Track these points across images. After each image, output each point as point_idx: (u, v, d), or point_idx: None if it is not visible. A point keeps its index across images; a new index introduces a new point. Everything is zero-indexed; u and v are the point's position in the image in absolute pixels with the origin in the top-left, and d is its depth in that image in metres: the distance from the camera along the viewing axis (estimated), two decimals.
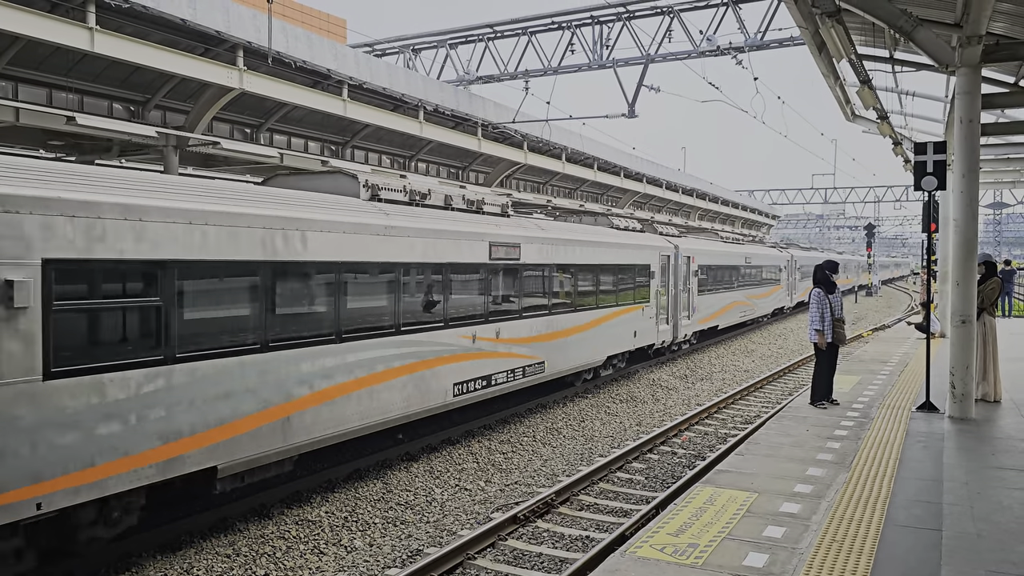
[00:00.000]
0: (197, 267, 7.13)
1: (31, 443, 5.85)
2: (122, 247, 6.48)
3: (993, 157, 19.39)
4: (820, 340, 10.16)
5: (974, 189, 9.53)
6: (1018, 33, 10.66)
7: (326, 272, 8.62)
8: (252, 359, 7.66)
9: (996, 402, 10.49)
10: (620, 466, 10.65)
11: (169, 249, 6.85)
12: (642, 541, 5.67)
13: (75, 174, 6.56)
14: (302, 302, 8.39)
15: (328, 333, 8.64)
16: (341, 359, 8.80)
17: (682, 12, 21.55)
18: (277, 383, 7.93)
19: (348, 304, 8.98)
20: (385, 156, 21.94)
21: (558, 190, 31.56)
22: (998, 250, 78.08)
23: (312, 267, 8.43)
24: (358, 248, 9.13)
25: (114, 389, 6.40)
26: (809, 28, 9.68)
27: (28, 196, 5.90)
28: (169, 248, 6.85)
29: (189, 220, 7.02)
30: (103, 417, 6.31)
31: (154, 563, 7.07)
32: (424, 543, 7.81)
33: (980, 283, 10.30)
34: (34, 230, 5.90)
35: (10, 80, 13.04)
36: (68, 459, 6.07)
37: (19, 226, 5.82)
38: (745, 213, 55.38)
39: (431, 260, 10.43)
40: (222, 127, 16.80)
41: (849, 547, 5.47)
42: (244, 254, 7.60)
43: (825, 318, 10.17)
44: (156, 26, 13.30)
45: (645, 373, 18.43)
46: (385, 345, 9.53)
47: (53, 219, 6.02)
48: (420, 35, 25.95)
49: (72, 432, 6.11)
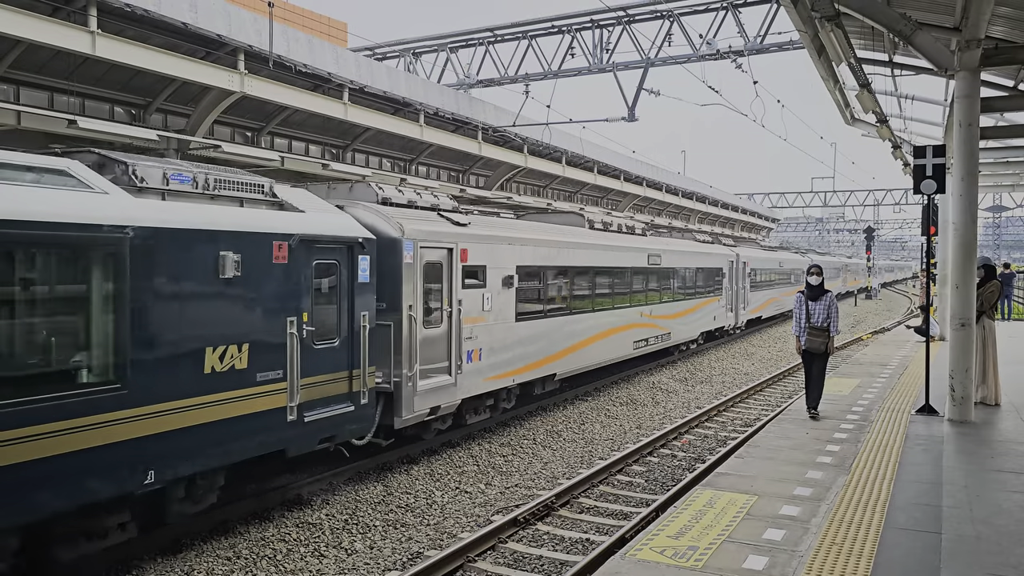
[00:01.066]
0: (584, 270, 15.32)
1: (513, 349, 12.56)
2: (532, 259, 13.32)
3: (992, 161, 19.42)
4: (797, 346, 10.11)
5: (973, 192, 9.55)
6: (1017, 37, 10.69)
7: (584, 272, 15.40)
8: (566, 319, 14.53)
9: (995, 405, 10.51)
10: (620, 469, 10.67)
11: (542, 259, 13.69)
12: (642, 544, 5.68)
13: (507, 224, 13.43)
14: (578, 288, 15.16)
15: (588, 308, 15.49)
16: (594, 322, 15.71)
17: (682, 16, 21.59)
18: (574, 332, 14.77)
19: (595, 290, 15.85)
20: (386, 159, 21.97)
21: (558, 193, 31.59)
22: (997, 253, 78.10)
23: (577, 269, 15.07)
24: (593, 257, 15.79)
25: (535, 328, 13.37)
26: (808, 32, 9.72)
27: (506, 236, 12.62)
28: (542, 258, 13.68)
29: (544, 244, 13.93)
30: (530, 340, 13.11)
31: (155, 566, 7.08)
32: (424, 546, 7.82)
33: (979, 286, 10.31)
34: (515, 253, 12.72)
35: (12, 84, 13.07)
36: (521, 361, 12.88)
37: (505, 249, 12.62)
38: (745, 216, 55.41)
39: (620, 264, 17.10)
40: (223, 130, 16.82)
41: (849, 550, 5.48)
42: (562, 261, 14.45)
43: (800, 323, 9.90)
44: (157, 30, 13.32)
45: (645, 376, 18.44)
46: (606, 316, 16.26)
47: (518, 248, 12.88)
48: (420, 39, 26.00)
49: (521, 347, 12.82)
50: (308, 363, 8.26)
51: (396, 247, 10.01)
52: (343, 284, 8.92)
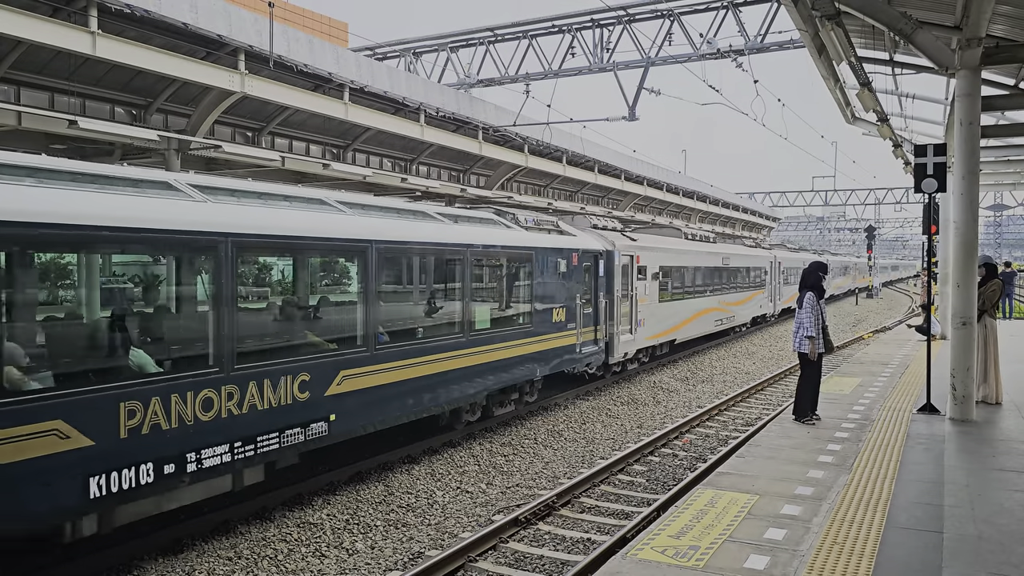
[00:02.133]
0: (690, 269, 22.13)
1: (657, 321, 18.98)
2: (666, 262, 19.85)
3: (993, 159, 19.40)
4: (812, 349, 9.34)
5: (974, 191, 9.54)
6: (1018, 35, 10.67)
7: (690, 271, 21.96)
8: (681, 302, 20.82)
9: (997, 404, 10.49)
10: (621, 468, 10.66)
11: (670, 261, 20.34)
12: (643, 543, 5.67)
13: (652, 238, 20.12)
14: (687, 281, 21.74)
15: (692, 295, 21.79)
16: (695, 306, 22.07)
17: (682, 15, 21.59)
18: (684, 312, 21.04)
19: (695, 283, 22.36)
20: (387, 159, 21.97)
21: (559, 193, 31.58)
22: (998, 252, 78.10)
23: (687, 268, 21.71)
24: (694, 260, 22.50)
25: (667, 308, 19.83)
26: (809, 31, 9.70)
27: (655, 247, 19.29)
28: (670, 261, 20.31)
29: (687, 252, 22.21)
30: (665, 316, 19.73)
31: (156, 566, 7.08)
32: (425, 545, 7.82)
33: (980, 285, 10.29)
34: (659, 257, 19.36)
35: (12, 84, 13.08)
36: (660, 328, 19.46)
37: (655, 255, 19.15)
38: (745, 215, 55.38)
39: (708, 265, 23.72)
40: (223, 131, 16.83)
41: (850, 549, 5.47)
42: (680, 263, 21.05)
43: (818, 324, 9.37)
44: (158, 30, 13.33)
45: (646, 375, 18.44)
46: (701, 301, 22.76)
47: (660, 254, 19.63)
48: (421, 39, 26.00)
49: (661, 320, 19.44)
50: (582, 320, 14.69)
51: (612, 256, 16.49)
52: (592, 276, 15.43)
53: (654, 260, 18.75)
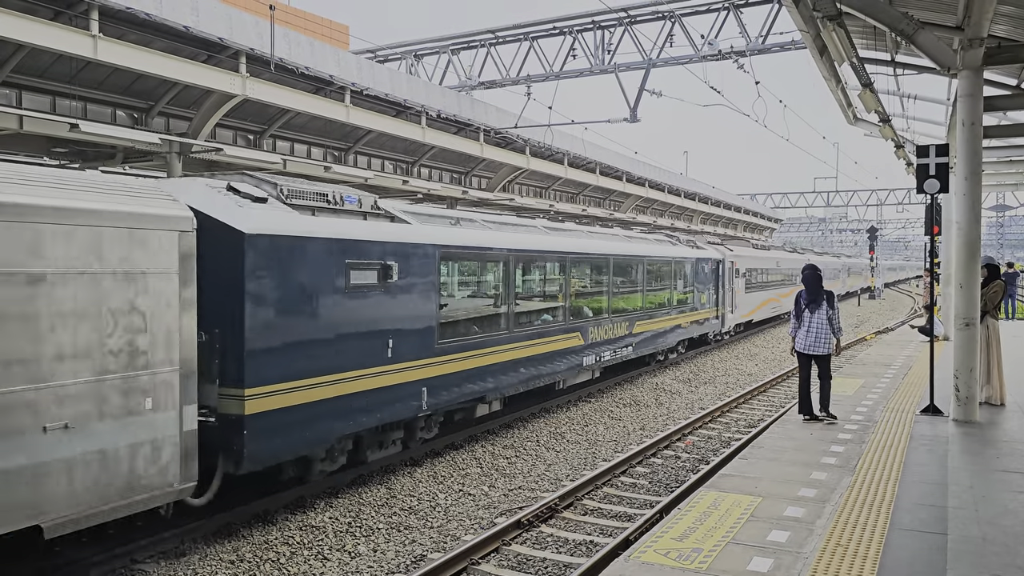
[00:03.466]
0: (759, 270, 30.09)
1: (743, 305, 27.23)
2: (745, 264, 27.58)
3: (996, 160, 19.34)
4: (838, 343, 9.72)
5: (977, 192, 9.52)
6: (1020, 35, 10.65)
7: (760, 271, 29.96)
8: (754, 293, 28.82)
9: (1000, 405, 10.47)
10: (624, 470, 10.64)
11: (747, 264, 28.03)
12: (646, 546, 5.66)
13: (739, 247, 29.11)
14: (758, 279, 29.60)
15: (760, 288, 29.64)
16: (760, 297, 29.52)
17: (683, 17, 21.60)
18: (755, 301, 28.75)
19: (760, 280, 29.72)
20: (388, 162, 21.98)
21: (560, 194, 31.58)
22: (1001, 253, 78.00)
23: (758, 268, 29.58)
24: (761, 263, 30.15)
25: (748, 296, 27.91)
26: (810, 32, 9.69)
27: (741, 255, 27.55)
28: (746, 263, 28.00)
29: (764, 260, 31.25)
30: (747, 303, 27.71)
31: (158, 569, 7.07)
32: (428, 548, 7.81)
33: (983, 286, 10.27)
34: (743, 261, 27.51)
35: (14, 88, 13.09)
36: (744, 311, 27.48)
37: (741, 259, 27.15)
38: (747, 217, 55.36)
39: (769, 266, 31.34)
40: (225, 133, 16.84)
41: (854, 551, 5.45)
42: (751, 265, 28.43)
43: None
44: (159, 33, 13.34)
45: (648, 377, 18.42)
46: (764, 294, 30.22)
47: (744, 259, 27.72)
48: (422, 41, 26.03)
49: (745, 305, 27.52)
50: (711, 303, 22.92)
51: (723, 262, 24.14)
52: (716, 276, 23.40)
53: (742, 264, 26.59)
